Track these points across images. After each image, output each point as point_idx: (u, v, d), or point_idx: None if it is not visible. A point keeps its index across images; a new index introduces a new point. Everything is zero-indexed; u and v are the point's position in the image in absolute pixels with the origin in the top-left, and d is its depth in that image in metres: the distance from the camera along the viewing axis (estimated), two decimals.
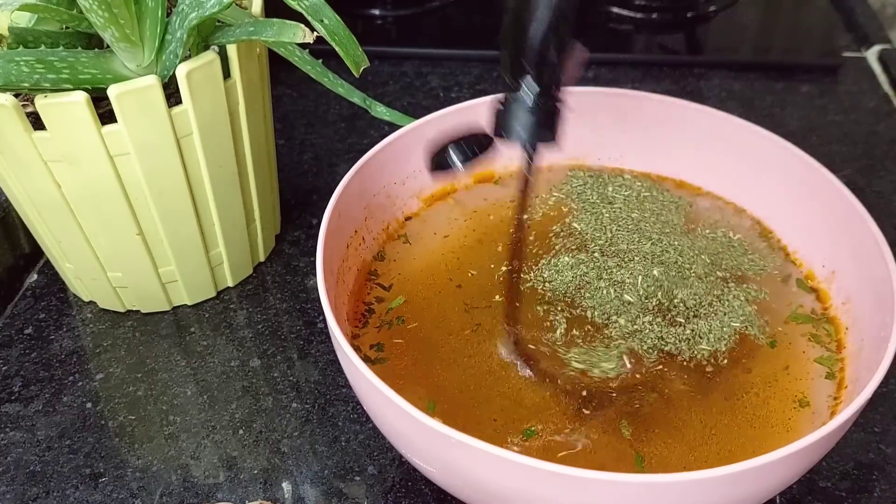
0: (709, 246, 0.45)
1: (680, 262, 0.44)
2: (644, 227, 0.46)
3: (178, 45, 0.40)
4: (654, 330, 0.40)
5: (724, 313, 0.41)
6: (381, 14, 0.76)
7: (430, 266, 0.45)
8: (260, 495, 0.40)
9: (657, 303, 0.42)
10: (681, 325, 0.41)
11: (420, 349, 0.41)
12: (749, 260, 0.45)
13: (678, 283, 0.42)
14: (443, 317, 0.42)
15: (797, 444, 0.30)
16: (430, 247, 0.46)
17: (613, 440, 0.37)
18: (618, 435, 0.37)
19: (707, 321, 0.41)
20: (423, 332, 0.42)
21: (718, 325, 0.41)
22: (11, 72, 0.38)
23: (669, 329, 0.41)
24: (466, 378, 0.39)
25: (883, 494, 0.39)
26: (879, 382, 0.33)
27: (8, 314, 0.50)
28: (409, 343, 0.41)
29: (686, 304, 0.42)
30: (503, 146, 0.35)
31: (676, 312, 0.41)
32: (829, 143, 0.61)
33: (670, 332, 0.41)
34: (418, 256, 0.46)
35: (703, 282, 0.43)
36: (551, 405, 0.38)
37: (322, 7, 0.39)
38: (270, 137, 0.50)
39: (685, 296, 0.42)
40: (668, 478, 0.29)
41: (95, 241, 0.45)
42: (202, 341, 0.48)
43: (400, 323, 0.42)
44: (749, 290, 0.43)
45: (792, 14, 0.76)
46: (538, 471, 0.30)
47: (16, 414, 0.44)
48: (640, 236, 0.45)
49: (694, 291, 0.42)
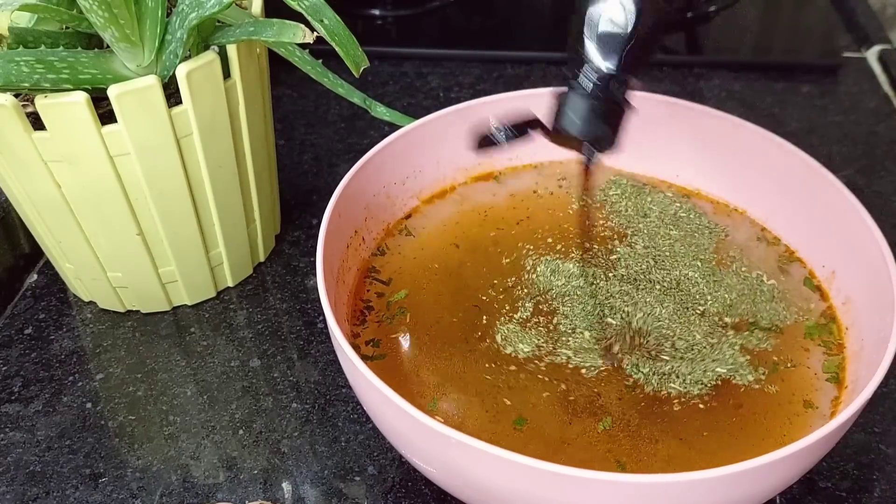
0: (736, 286, 0.43)
1: (690, 299, 0.42)
2: (667, 251, 0.45)
3: (178, 46, 0.40)
4: (626, 355, 0.40)
5: (711, 359, 0.39)
6: (381, 14, 0.76)
7: (429, 262, 0.45)
8: (260, 495, 0.40)
9: (642, 339, 0.40)
10: (658, 360, 0.40)
11: (418, 344, 0.41)
12: (771, 308, 0.42)
13: (678, 323, 0.41)
14: (441, 310, 0.42)
15: (797, 445, 0.30)
16: (429, 243, 0.46)
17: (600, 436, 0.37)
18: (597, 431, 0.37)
19: (690, 364, 0.39)
20: (421, 327, 0.42)
21: (701, 369, 0.39)
22: (11, 72, 0.38)
23: (644, 359, 0.40)
24: (465, 370, 0.39)
25: (883, 494, 0.39)
26: (879, 382, 0.33)
27: (8, 314, 0.50)
28: (408, 337, 0.41)
29: (675, 345, 0.40)
30: (548, 135, 0.35)
31: (660, 349, 0.40)
32: (830, 143, 0.61)
33: (645, 362, 0.39)
34: (418, 252, 0.46)
35: (703, 321, 0.41)
36: (545, 398, 0.38)
37: (322, 7, 0.39)
38: (270, 138, 0.50)
39: (678, 335, 0.41)
40: (668, 478, 0.29)
41: (95, 241, 0.45)
42: (202, 341, 0.48)
43: (401, 313, 0.42)
44: (751, 339, 0.40)
45: (792, 14, 0.76)
46: (538, 471, 0.29)
47: (16, 414, 0.44)
48: (658, 262, 0.44)
49: (690, 332, 0.41)
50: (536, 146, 0.50)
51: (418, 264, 0.45)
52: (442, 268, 0.45)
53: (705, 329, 0.41)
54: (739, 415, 0.37)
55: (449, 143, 0.48)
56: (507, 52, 0.70)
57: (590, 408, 0.38)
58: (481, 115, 0.48)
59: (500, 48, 0.71)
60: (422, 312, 0.43)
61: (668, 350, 0.40)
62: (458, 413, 0.38)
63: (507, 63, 0.70)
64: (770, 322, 0.41)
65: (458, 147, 0.49)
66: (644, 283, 0.43)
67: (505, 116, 0.36)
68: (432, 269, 0.45)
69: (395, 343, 0.41)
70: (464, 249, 0.46)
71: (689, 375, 0.39)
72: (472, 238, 0.47)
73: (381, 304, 0.43)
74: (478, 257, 0.45)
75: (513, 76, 0.69)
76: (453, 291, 0.44)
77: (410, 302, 0.43)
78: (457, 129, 0.48)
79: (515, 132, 0.36)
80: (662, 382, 0.39)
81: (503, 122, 0.36)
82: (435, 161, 0.48)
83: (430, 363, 0.40)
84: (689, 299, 0.42)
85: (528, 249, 0.46)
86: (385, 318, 0.42)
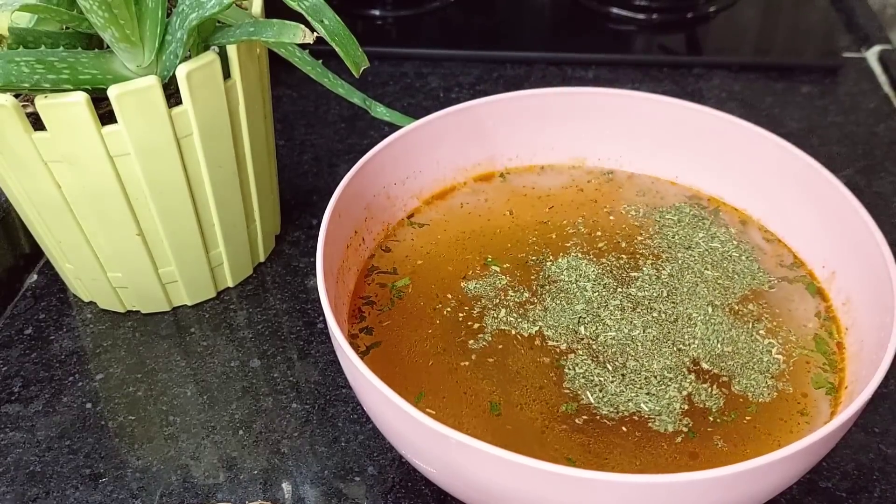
0: (737, 341, 0.40)
1: (676, 334, 0.41)
2: (688, 287, 0.43)
3: (178, 46, 0.40)
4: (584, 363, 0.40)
5: (646, 391, 0.38)
6: (381, 14, 0.76)
7: (427, 256, 0.45)
8: (260, 496, 0.40)
9: (599, 347, 0.40)
10: (599, 366, 0.39)
11: (409, 330, 0.41)
12: (755, 379, 0.39)
13: (647, 348, 0.40)
14: (435, 297, 0.43)
15: (797, 445, 0.30)
16: (429, 239, 0.46)
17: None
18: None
19: (621, 384, 0.39)
20: (415, 316, 0.42)
21: (628, 395, 0.38)
22: (11, 72, 0.38)
23: (585, 360, 0.39)
24: (455, 365, 0.40)
25: (883, 495, 0.39)
26: (879, 383, 0.33)
27: (8, 314, 0.50)
28: (400, 325, 0.42)
29: (626, 364, 0.39)
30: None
31: (609, 359, 0.39)
32: (830, 143, 0.61)
33: (584, 362, 0.39)
34: (417, 248, 0.46)
35: (674, 356, 0.40)
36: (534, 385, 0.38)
37: (322, 7, 0.39)
38: (270, 138, 0.50)
39: (636, 357, 0.40)
40: (668, 478, 0.29)
41: (95, 241, 0.45)
42: (202, 342, 0.48)
43: (399, 297, 0.43)
44: (703, 394, 0.38)
45: (792, 15, 0.76)
46: (538, 471, 0.29)
47: (16, 414, 0.44)
48: (671, 295, 0.42)
49: (651, 359, 0.39)
50: (535, 146, 0.50)
51: (417, 260, 0.45)
52: (443, 263, 0.45)
53: (668, 363, 0.39)
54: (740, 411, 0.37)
55: (449, 144, 0.48)
56: (507, 53, 0.70)
57: (527, 401, 0.38)
58: (480, 116, 0.48)
59: (500, 48, 0.71)
60: (417, 299, 0.43)
61: (616, 363, 0.39)
62: (438, 402, 0.38)
63: (507, 63, 0.70)
64: (742, 389, 0.38)
65: (459, 147, 0.49)
66: (644, 309, 0.42)
67: None
68: (430, 265, 0.45)
69: (389, 330, 0.41)
70: (465, 243, 0.46)
71: (611, 394, 0.38)
72: (474, 232, 0.47)
73: (382, 294, 0.43)
74: (478, 249, 0.45)
75: (513, 76, 0.69)
76: (453, 284, 0.44)
77: (410, 287, 0.43)
78: (457, 129, 0.48)
79: None
80: (583, 388, 0.38)
81: None
82: (435, 161, 0.48)
83: (419, 348, 0.41)
84: (676, 335, 0.40)
85: (547, 243, 0.46)
86: (384, 306, 0.42)
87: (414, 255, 0.46)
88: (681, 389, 0.38)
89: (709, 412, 0.37)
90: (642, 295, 0.42)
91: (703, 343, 0.40)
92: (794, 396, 0.38)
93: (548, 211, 0.48)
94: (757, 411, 0.38)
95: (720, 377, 0.39)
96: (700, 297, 0.42)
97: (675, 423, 0.37)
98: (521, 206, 0.49)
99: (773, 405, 0.38)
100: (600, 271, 0.44)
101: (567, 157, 0.51)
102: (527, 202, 0.49)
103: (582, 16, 0.75)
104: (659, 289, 0.43)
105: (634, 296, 0.42)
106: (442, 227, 0.47)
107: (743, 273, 0.44)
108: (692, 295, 0.42)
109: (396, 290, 0.44)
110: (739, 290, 0.43)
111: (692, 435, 0.37)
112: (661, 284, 0.43)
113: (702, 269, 0.44)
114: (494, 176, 0.50)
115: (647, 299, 0.42)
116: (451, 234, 0.47)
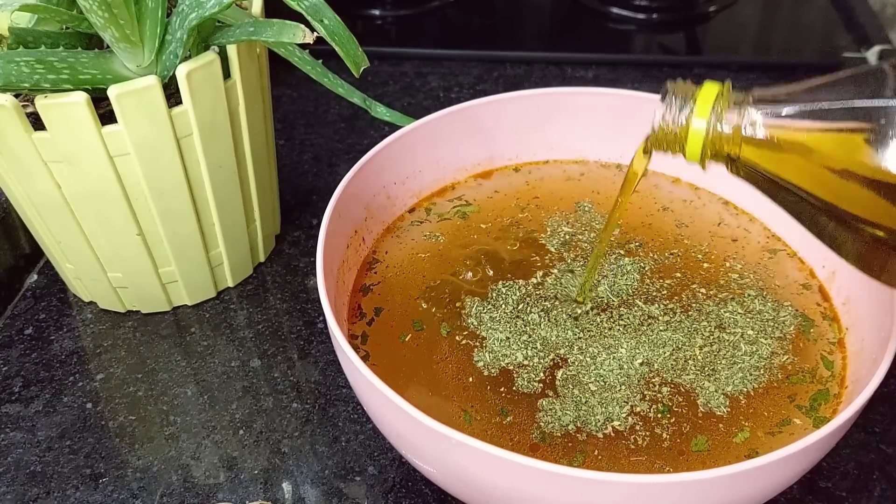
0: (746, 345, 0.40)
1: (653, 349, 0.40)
2: (697, 329, 0.41)
3: (178, 46, 0.40)
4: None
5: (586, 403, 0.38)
6: (380, 14, 0.76)
7: (426, 252, 0.45)
8: (260, 495, 0.40)
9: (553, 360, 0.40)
10: (557, 366, 0.39)
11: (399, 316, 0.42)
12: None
13: (610, 360, 0.39)
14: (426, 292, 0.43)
15: (797, 445, 0.30)
16: (428, 236, 0.46)
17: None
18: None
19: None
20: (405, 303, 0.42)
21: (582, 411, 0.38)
22: (11, 72, 0.38)
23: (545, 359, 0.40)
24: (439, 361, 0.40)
25: (883, 494, 0.39)
26: (880, 382, 0.33)
27: (8, 314, 0.50)
28: (393, 313, 0.42)
29: (581, 378, 0.39)
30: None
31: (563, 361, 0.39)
32: None
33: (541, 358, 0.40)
34: (418, 243, 0.46)
35: (635, 376, 0.39)
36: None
37: (322, 7, 0.39)
38: (270, 138, 0.50)
39: (598, 364, 0.39)
40: (667, 478, 0.29)
41: (95, 241, 0.45)
42: (202, 341, 0.48)
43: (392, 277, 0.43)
44: (657, 413, 0.38)
45: (792, 14, 0.76)
46: (538, 471, 0.30)
47: (16, 414, 0.44)
48: (668, 327, 0.41)
49: (608, 371, 0.39)
50: (535, 146, 0.50)
51: (417, 255, 0.45)
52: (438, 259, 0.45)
53: (629, 380, 0.39)
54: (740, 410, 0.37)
55: (449, 144, 0.48)
56: (507, 52, 0.70)
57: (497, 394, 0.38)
58: (480, 116, 0.48)
59: (500, 48, 0.71)
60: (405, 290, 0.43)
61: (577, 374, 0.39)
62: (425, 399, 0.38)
63: (507, 63, 0.70)
64: (739, 388, 0.38)
65: (458, 147, 0.49)
66: (635, 332, 0.41)
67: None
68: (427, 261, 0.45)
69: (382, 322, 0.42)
70: (463, 240, 0.46)
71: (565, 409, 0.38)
72: (475, 229, 0.47)
73: (377, 281, 0.43)
74: (476, 245, 0.46)
75: (512, 76, 0.69)
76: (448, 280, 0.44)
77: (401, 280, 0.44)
78: (457, 129, 0.48)
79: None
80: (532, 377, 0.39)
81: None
82: (435, 161, 0.48)
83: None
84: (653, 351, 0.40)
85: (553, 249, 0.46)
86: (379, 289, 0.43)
87: (408, 252, 0.46)
88: (623, 406, 0.38)
89: (712, 414, 0.38)
90: (641, 325, 0.41)
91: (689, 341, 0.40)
92: (794, 396, 0.38)
93: (540, 207, 0.48)
94: (756, 410, 0.38)
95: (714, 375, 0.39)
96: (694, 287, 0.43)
97: (666, 430, 0.37)
98: (520, 204, 0.49)
99: (774, 404, 0.38)
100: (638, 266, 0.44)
101: (567, 157, 0.51)
102: (525, 199, 0.49)
103: (582, 15, 0.76)
104: (661, 324, 0.42)
105: (630, 323, 0.41)
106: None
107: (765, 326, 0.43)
108: (694, 331, 0.41)
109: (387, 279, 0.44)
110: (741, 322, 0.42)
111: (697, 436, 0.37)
112: (669, 321, 0.42)
113: (735, 323, 0.42)
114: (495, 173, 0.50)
115: (644, 323, 0.42)
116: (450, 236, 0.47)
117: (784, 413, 0.38)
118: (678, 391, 0.38)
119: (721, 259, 0.45)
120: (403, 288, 0.44)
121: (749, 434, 0.37)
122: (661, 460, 0.36)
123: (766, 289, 0.43)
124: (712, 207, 0.48)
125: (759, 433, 0.37)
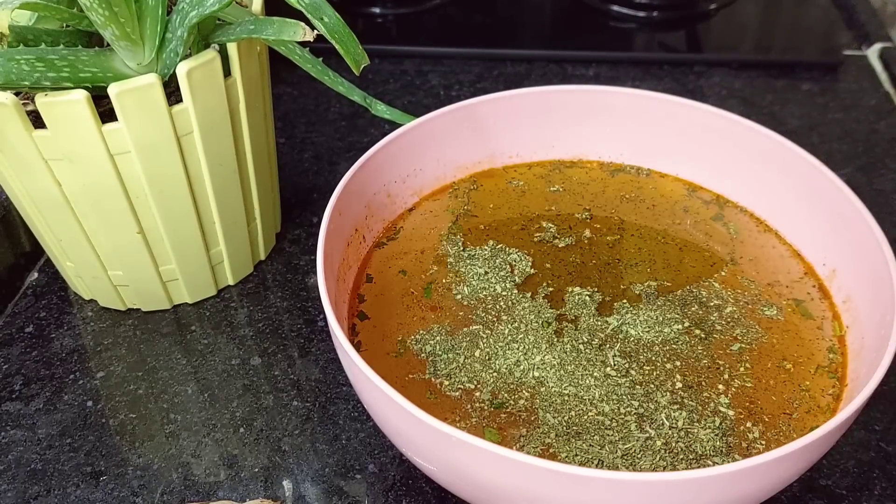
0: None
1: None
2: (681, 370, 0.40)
3: (178, 44, 0.40)
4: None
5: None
6: (381, 12, 0.76)
7: (424, 250, 0.45)
8: (261, 493, 0.40)
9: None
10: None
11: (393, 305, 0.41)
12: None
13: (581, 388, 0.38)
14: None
15: (797, 443, 0.30)
16: (425, 233, 0.47)
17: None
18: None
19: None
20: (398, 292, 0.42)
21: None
22: (12, 70, 0.38)
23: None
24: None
25: (883, 492, 0.39)
26: (880, 381, 0.33)
27: (8, 312, 0.50)
28: (387, 303, 0.41)
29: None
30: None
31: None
32: (830, 141, 0.61)
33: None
34: (416, 242, 0.46)
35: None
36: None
37: (322, 5, 0.39)
38: (271, 136, 0.50)
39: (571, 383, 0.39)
40: (668, 476, 0.29)
41: (96, 239, 0.45)
42: (203, 339, 0.48)
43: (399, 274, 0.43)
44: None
45: (792, 12, 0.76)
46: (539, 469, 0.30)
47: (16, 412, 0.44)
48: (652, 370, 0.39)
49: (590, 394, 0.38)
50: (535, 144, 0.50)
51: (415, 253, 0.45)
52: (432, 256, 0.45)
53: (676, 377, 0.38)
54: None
55: (450, 142, 0.48)
56: (508, 50, 0.70)
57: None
58: (481, 114, 0.48)
59: (501, 46, 0.71)
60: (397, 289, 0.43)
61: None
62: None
63: (508, 61, 0.70)
64: (739, 388, 0.38)
65: (459, 145, 0.49)
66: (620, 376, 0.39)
67: None
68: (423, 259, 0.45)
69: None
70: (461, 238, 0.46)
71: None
72: (472, 227, 0.47)
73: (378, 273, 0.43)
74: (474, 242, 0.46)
75: (513, 74, 0.69)
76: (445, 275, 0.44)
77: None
78: (457, 127, 0.48)
79: None
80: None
81: None
82: (436, 159, 0.48)
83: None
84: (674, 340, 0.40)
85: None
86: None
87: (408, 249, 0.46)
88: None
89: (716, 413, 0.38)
90: (629, 375, 0.40)
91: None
92: (795, 395, 0.38)
93: (551, 205, 0.48)
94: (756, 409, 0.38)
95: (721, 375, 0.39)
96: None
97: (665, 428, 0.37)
98: (518, 202, 0.49)
99: (773, 404, 0.38)
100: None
101: (568, 155, 0.51)
102: (527, 197, 0.49)
103: (582, 13, 0.75)
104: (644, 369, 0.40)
105: (614, 371, 0.40)
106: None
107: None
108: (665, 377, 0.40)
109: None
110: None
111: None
112: (651, 363, 0.40)
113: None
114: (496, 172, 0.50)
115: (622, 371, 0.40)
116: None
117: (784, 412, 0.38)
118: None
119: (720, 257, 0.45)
120: (404, 287, 0.44)
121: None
122: (665, 460, 0.36)
123: (765, 287, 0.43)
124: (710, 205, 0.48)
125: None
